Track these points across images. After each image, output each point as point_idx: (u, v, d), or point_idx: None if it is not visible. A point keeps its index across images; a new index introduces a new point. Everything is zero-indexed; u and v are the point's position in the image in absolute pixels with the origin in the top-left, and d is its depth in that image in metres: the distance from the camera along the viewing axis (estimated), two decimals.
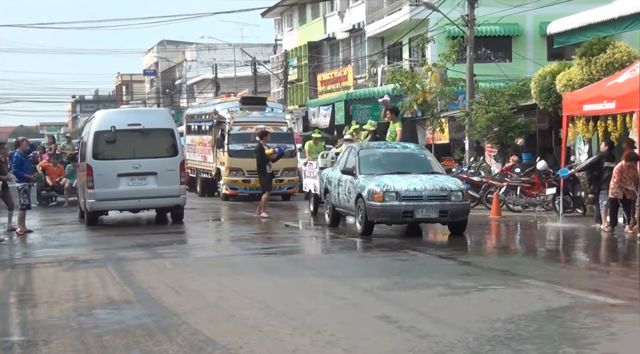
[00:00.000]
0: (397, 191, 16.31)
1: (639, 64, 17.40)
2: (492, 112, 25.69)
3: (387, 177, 16.82)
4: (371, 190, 16.50)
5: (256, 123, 28.06)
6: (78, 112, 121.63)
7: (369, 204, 16.47)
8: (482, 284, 11.07)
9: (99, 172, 20.07)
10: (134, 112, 23.58)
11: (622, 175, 16.80)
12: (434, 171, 17.62)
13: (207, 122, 31.08)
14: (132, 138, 20.40)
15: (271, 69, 57.91)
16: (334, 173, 19.07)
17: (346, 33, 47.32)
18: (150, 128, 20.52)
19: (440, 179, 16.98)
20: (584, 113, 18.36)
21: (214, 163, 29.73)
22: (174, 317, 9.32)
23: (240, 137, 27.95)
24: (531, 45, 38.28)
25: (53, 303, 10.44)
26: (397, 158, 18.05)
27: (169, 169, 20.26)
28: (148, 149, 20.28)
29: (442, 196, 16.39)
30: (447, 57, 28.73)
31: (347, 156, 18.63)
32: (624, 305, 9.67)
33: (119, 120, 20.78)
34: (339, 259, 14.82)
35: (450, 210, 16.41)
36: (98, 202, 20.18)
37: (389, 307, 9.63)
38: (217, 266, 13.48)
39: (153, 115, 23.03)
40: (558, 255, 15.41)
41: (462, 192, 16.62)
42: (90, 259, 14.77)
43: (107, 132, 20.37)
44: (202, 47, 78.54)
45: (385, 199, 16.30)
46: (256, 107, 29.47)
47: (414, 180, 16.65)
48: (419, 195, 16.32)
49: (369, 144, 19.32)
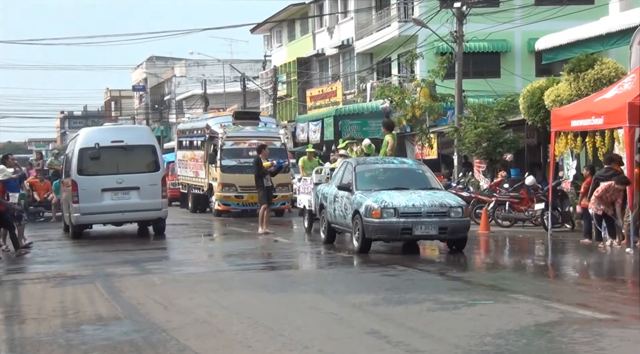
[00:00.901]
0: (395, 208, 15.93)
1: (626, 80, 17.49)
2: (480, 127, 25.76)
3: (385, 192, 16.47)
4: (369, 206, 16.12)
5: (249, 138, 27.88)
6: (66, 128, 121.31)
7: (367, 221, 16.07)
8: (471, 299, 11.06)
9: (83, 187, 20.93)
10: (117, 130, 24.45)
11: (607, 193, 16.86)
12: (432, 187, 17.27)
13: (199, 137, 30.83)
14: (115, 154, 21.33)
15: (260, 85, 57.96)
16: (329, 189, 18.66)
17: (335, 49, 47.44)
18: (132, 144, 21.42)
19: (439, 195, 16.64)
20: (572, 129, 18.42)
21: (206, 178, 29.46)
22: (162, 333, 9.29)
23: (233, 152, 27.74)
24: (519, 61, 38.44)
25: (41, 319, 10.38)
26: (394, 173, 17.69)
27: (151, 184, 21.10)
28: (131, 165, 21.16)
29: (441, 213, 16.02)
30: (436, 72, 28.84)
31: (343, 171, 18.24)
32: (613, 320, 9.68)
33: (103, 137, 21.67)
34: (328, 275, 14.79)
35: (450, 226, 16.04)
36: (83, 216, 21.01)
37: (377, 322, 9.61)
38: (205, 281, 13.43)
39: (135, 132, 23.81)
40: (547, 270, 15.42)
41: (461, 208, 16.26)
42: (79, 275, 14.71)
43: (92, 148, 21.24)
44: (191, 63, 78.54)
45: (383, 215, 15.90)
46: (249, 122, 29.28)
47: (412, 196, 16.29)
48: (417, 211, 15.96)
49: (366, 159, 18.93)
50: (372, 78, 42.97)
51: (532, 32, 33.16)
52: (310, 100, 48.46)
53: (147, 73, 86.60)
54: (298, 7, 52.05)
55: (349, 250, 17.33)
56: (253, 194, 25.12)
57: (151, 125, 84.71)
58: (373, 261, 15.82)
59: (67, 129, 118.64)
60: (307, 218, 22.01)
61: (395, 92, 30.01)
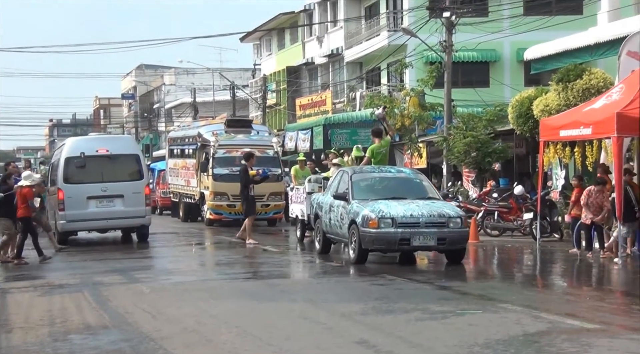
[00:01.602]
0: (393, 218, 15.58)
1: (615, 90, 17.56)
2: (469, 137, 25.80)
3: (382, 202, 16.11)
4: (366, 216, 15.76)
5: (241, 146, 27.42)
6: (55, 136, 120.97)
7: (363, 231, 15.72)
8: (460, 309, 11.07)
9: (69, 194, 21.64)
10: (102, 139, 25.04)
11: (589, 199, 16.99)
12: (430, 196, 16.90)
13: (191, 145, 30.52)
14: (100, 163, 22.11)
15: (250, 93, 57.95)
16: (324, 198, 18.29)
17: (325, 58, 47.49)
18: (117, 154, 22.21)
19: (437, 205, 16.26)
20: (561, 139, 18.46)
21: (197, 187, 29.09)
22: (150, 342, 9.26)
23: (225, 160, 27.38)
24: (508, 71, 38.53)
25: (28, 328, 10.34)
26: (391, 183, 17.34)
27: (135, 192, 21.77)
28: (115, 173, 21.84)
29: (440, 223, 15.67)
30: (425, 82, 28.89)
31: (339, 180, 17.87)
32: (601, 330, 9.70)
33: (88, 146, 22.49)
34: (317, 284, 14.77)
35: (448, 237, 15.69)
36: (68, 223, 21.70)
37: (366, 332, 9.60)
38: (194, 290, 13.40)
39: (120, 142, 24.97)
40: (535, 280, 15.45)
41: (460, 219, 15.89)
42: (66, 284, 14.65)
43: (77, 157, 22.01)
44: (180, 71, 78.45)
45: (380, 226, 15.54)
46: (242, 130, 28.95)
47: (410, 206, 15.93)
48: (416, 221, 15.60)
49: (362, 168, 18.47)
50: (361, 88, 43.02)
51: (521, 42, 33.24)
52: (299, 109, 48.47)
53: (137, 82, 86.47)
54: (288, 16, 52.11)
55: (341, 259, 17.27)
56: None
57: (140, 133, 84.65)
58: (362, 270, 15.81)
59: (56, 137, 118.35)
60: (299, 228, 21.76)
61: (384, 101, 29.99)
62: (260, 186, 23.91)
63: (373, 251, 16.30)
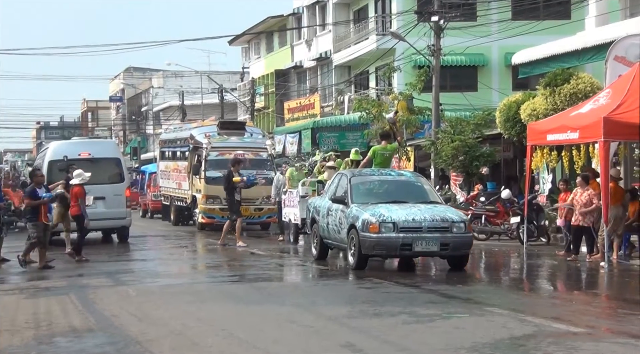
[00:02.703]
0: (394, 222, 15.06)
1: (602, 95, 17.62)
2: (457, 140, 25.87)
3: (383, 206, 15.59)
4: (366, 220, 15.23)
5: (235, 149, 27.00)
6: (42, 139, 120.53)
7: (363, 236, 15.20)
8: (447, 312, 11.08)
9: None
10: (84, 143, 26.08)
11: (575, 198, 17.18)
12: (432, 200, 16.43)
13: (183, 147, 29.94)
14: (82, 166, 22.12)
15: (238, 97, 57.93)
16: (322, 202, 17.67)
17: (313, 61, 47.52)
18: (99, 157, 23.04)
19: (440, 209, 15.79)
20: (548, 143, 18.53)
21: (189, 190, 28.50)
22: (136, 345, 9.23)
23: (217, 163, 26.76)
24: (496, 75, 38.63)
25: (14, 331, 10.29)
26: (392, 186, 16.85)
27: (116, 194, 22.63)
28: (97, 176, 21.99)
29: (443, 228, 15.18)
30: (414, 86, 28.92)
31: (337, 183, 17.30)
32: (587, 334, 9.72)
33: (71, 150, 23.47)
34: (304, 287, 14.76)
35: (452, 242, 15.19)
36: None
37: (353, 335, 9.60)
38: (181, 293, 13.36)
39: (102, 145, 26.02)
40: (522, 283, 15.47)
41: (464, 224, 15.41)
42: (52, 286, 14.60)
43: (60, 161, 22.72)
44: (168, 74, 78.36)
45: (381, 230, 15.03)
46: (235, 132, 28.38)
47: (412, 210, 15.41)
48: (418, 226, 15.10)
49: (362, 171, 17.89)
50: (349, 91, 43.06)
51: (509, 47, 33.32)
52: (288, 112, 48.48)
53: (125, 84, 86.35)
54: (276, 19, 52.12)
55: (330, 263, 17.21)
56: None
57: (128, 136, 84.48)
58: (350, 274, 15.80)
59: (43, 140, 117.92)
60: (292, 232, 21.43)
61: (372, 104, 30.04)
62: (253, 190, 23.83)
63: (373, 256, 15.87)
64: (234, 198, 21.36)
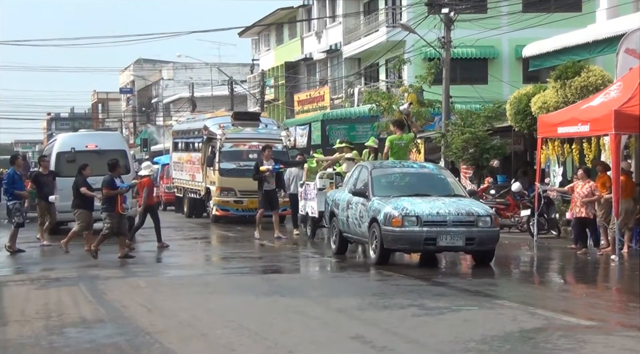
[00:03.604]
0: (417, 216, 14.60)
1: (613, 88, 17.56)
2: (467, 133, 25.80)
3: (406, 199, 15.13)
4: (388, 213, 14.77)
5: (249, 140, 26.81)
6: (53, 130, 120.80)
7: (386, 230, 14.72)
8: (456, 305, 11.07)
9: (60, 187, 22.47)
10: (91, 135, 26.54)
11: (576, 190, 17.25)
12: (456, 193, 15.96)
13: (197, 139, 29.54)
14: (89, 158, 22.95)
15: (248, 89, 57.91)
16: (341, 194, 17.22)
17: (323, 53, 47.45)
18: (105, 149, 23.33)
19: (465, 202, 15.36)
20: (559, 136, 18.48)
21: (203, 182, 28.13)
22: (146, 336, 9.25)
23: (232, 154, 26.57)
24: (507, 68, 38.52)
25: (24, 321, 10.33)
26: (414, 178, 16.42)
27: None
28: (104, 167, 22.18)
29: (468, 222, 14.74)
30: (424, 78, 28.84)
31: (357, 176, 16.84)
32: (597, 327, 9.71)
33: (78, 142, 24.13)
34: (314, 279, 14.77)
35: (477, 237, 14.73)
36: (59, 214, 22.57)
37: (362, 327, 9.60)
38: (190, 285, 13.40)
39: (108, 138, 26.09)
40: (532, 277, 15.45)
41: (490, 218, 14.95)
42: (63, 277, 14.64)
43: (68, 152, 23.60)
44: (179, 65, 78.39)
45: (404, 224, 14.57)
46: (249, 123, 27.98)
47: (436, 203, 14.98)
48: (442, 220, 14.66)
49: (382, 163, 17.41)
50: (359, 83, 43.00)
51: (520, 39, 33.21)
52: (297, 105, 48.45)
53: (135, 76, 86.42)
54: (286, 11, 52.05)
55: (348, 258, 17.10)
56: (253, 199, 24.07)
57: (138, 127, 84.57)
58: (359, 265, 15.80)
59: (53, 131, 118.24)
60: (309, 225, 21.01)
61: (382, 97, 29.97)
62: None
63: (396, 251, 15.52)
64: (262, 189, 20.94)
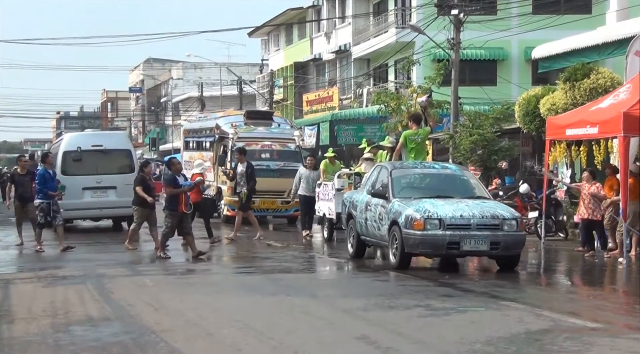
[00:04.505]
0: (440, 218, 14.10)
1: (622, 90, 17.50)
2: (476, 134, 25.76)
3: (427, 201, 14.60)
4: (409, 216, 14.26)
5: (262, 139, 26.51)
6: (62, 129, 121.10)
7: (407, 233, 14.20)
8: (462, 306, 11.05)
9: (66, 185, 22.87)
10: (97, 135, 27.43)
11: (582, 192, 17.28)
12: (480, 195, 15.43)
13: (208, 138, 29.16)
14: (95, 157, 23.86)
15: (257, 89, 57.96)
16: (359, 196, 16.66)
17: (332, 54, 47.46)
18: (110, 149, 24.02)
19: (489, 205, 14.81)
20: (567, 138, 18.44)
21: (214, 181, 27.65)
22: (152, 335, 9.26)
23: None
24: (516, 69, 38.48)
25: (30, 319, 10.35)
26: (435, 180, 15.91)
27: (127, 184, 22.66)
28: (109, 166, 23.60)
29: (493, 226, 14.23)
30: (433, 79, 28.83)
31: (376, 176, 16.30)
32: (603, 329, 9.68)
33: (84, 141, 24.60)
34: (320, 279, 14.76)
35: (503, 241, 14.23)
36: (65, 212, 22.95)
37: (368, 327, 9.59)
38: (196, 284, 13.41)
39: (113, 137, 27.03)
40: (539, 278, 15.41)
41: (516, 221, 14.40)
42: (70, 275, 14.67)
43: (74, 151, 23.99)
44: (188, 65, 78.56)
45: (426, 227, 14.06)
46: (262, 122, 27.68)
47: (459, 206, 14.47)
48: (466, 223, 14.14)
49: (402, 164, 16.86)
50: (368, 84, 42.99)
51: (529, 41, 33.18)
52: (306, 105, 48.47)
53: (144, 75, 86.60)
54: (296, 11, 52.08)
55: (344, 257, 17.14)
56: (265, 199, 24.54)
57: (147, 127, 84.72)
58: (366, 266, 15.78)
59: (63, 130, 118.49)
60: (326, 227, 20.43)
61: (391, 98, 29.98)
62: (280, 182, 23.60)
63: (417, 255, 15.01)
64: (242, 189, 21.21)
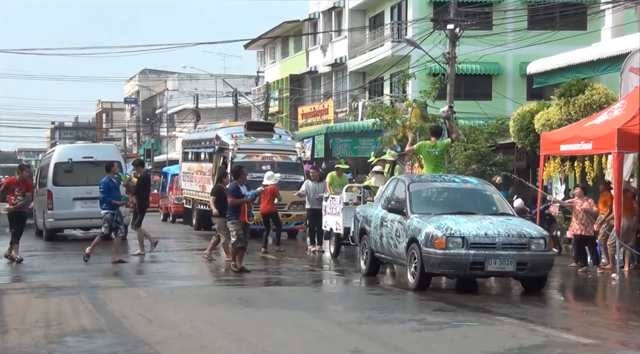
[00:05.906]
0: (463, 237, 13.27)
1: (616, 106, 17.57)
2: (470, 149, 25.82)
3: (449, 217, 13.78)
4: (430, 233, 13.43)
5: (262, 151, 26.13)
6: (57, 139, 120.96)
7: (427, 251, 13.37)
8: (456, 320, 11.06)
9: (57, 196, 24.45)
10: (87, 147, 28.44)
11: (575, 208, 17.38)
12: (503, 212, 14.62)
13: (208, 149, 28.76)
14: (85, 168, 24.57)
15: (252, 101, 58.02)
16: (373, 210, 15.84)
17: (328, 67, 47.56)
18: (101, 160, 23.88)
19: (514, 222, 13.99)
20: (562, 153, 18.49)
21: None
22: (145, 346, 9.26)
23: (244, 165, 24.52)
24: (511, 85, 38.57)
25: (24, 330, 10.34)
26: (456, 194, 15.07)
27: None
28: (99, 177, 23.02)
29: (520, 245, 13.45)
30: (428, 93, 28.89)
31: (392, 190, 15.48)
32: (596, 345, 9.69)
33: (75, 153, 25.58)
34: (314, 292, 14.76)
35: (530, 261, 13.41)
36: (56, 221, 24.51)
37: (361, 341, 9.60)
38: (191, 296, 13.40)
39: (103, 149, 28.11)
40: (532, 293, 15.40)
41: (544, 240, 13.58)
42: (64, 286, 14.65)
43: (65, 163, 24.96)
44: (184, 76, 78.61)
45: (448, 246, 13.22)
46: (263, 133, 27.24)
47: (483, 223, 13.64)
48: (491, 242, 13.31)
49: (421, 177, 16.18)
50: (364, 97, 43.04)
51: (524, 56, 33.28)
52: (301, 117, 48.52)
53: (140, 86, 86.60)
54: (292, 24, 52.19)
55: (344, 270, 17.15)
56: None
57: (142, 138, 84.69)
58: (361, 280, 15.77)
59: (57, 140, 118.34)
60: (333, 243, 19.77)
61: (386, 111, 30.01)
62: (281, 195, 23.32)
63: (438, 275, 14.01)
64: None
